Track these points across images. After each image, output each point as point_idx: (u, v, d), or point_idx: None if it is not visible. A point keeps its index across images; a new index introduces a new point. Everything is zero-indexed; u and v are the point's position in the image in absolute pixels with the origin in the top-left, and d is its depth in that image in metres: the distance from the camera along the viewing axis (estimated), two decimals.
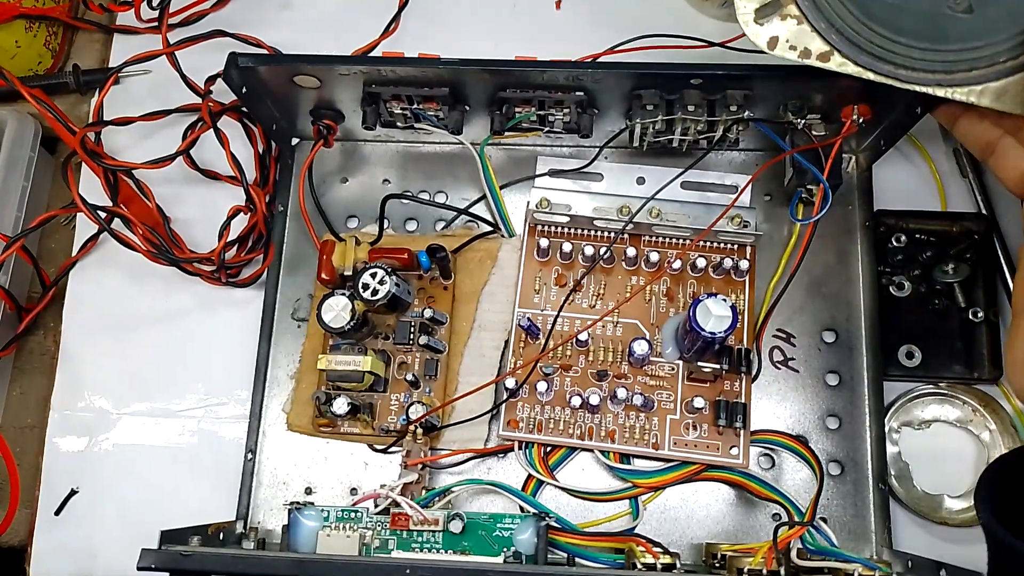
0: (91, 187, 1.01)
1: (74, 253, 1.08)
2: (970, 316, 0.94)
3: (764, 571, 0.79)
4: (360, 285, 0.91)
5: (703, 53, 1.01)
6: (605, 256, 0.95)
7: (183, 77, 1.03)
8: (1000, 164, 0.78)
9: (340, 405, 0.92)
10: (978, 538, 0.90)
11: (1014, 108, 0.73)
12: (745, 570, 0.80)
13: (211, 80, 1.03)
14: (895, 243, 0.97)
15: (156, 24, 1.12)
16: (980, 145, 0.79)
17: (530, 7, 1.13)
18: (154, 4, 1.11)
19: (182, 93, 1.05)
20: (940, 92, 0.74)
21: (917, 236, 0.97)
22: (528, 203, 0.97)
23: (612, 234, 0.96)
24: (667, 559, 0.80)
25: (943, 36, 0.73)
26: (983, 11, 0.72)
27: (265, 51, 1.09)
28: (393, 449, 0.95)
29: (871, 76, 0.76)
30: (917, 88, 0.75)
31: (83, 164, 1.04)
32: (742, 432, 0.91)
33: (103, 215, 0.96)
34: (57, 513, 1.00)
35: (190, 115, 1.07)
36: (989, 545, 0.72)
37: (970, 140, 0.80)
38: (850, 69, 0.76)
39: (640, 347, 0.89)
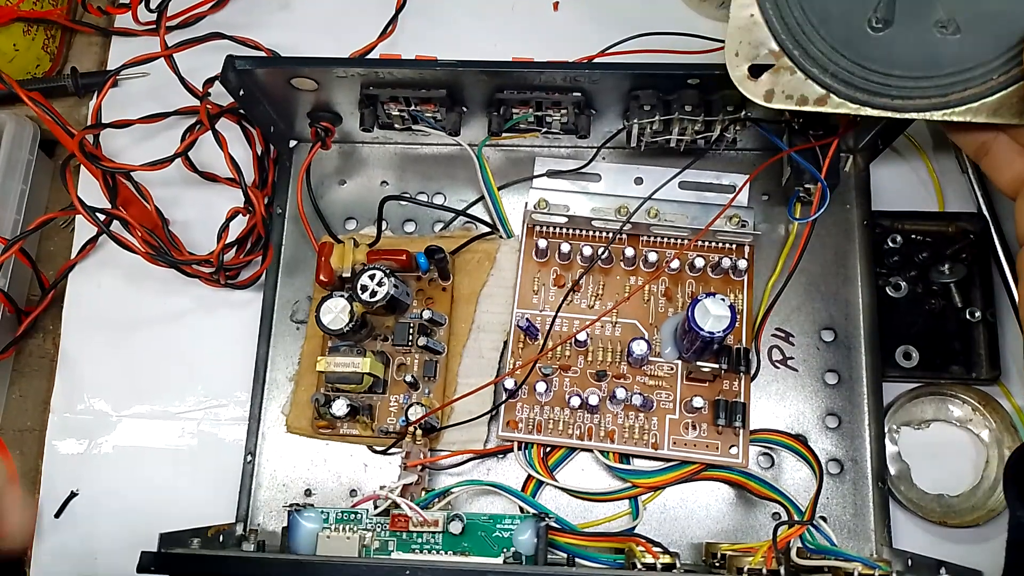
0: (90, 190, 1.01)
1: (73, 256, 1.08)
2: (967, 316, 0.94)
3: (764, 570, 0.79)
4: (359, 287, 0.91)
5: (704, 54, 1.02)
6: (603, 256, 0.95)
7: (181, 79, 1.03)
8: (994, 165, 0.78)
9: (339, 407, 0.92)
10: (979, 538, 0.91)
11: (1011, 119, 0.74)
12: (745, 569, 0.80)
13: (209, 82, 1.03)
14: (891, 244, 0.97)
15: (154, 27, 1.12)
16: (975, 146, 0.79)
17: (528, 8, 1.13)
18: (152, 7, 1.11)
19: (180, 95, 1.05)
20: (937, 115, 0.75)
21: (913, 237, 0.97)
22: (526, 204, 0.97)
23: (610, 234, 0.96)
24: (667, 559, 0.81)
25: (936, 63, 0.73)
26: (971, 31, 0.72)
27: (263, 53, 1.09)
28: (393, 450, 0.95)
29: (868, 112, 0.76)
30: (914, 116, 0.75)
31: (82, 167, 1.04)
32: (741, 431, 0.91)
33: (102, 217, 0.96)
34: (57, 516, 1.00)
35: (189, 117, 1.07)
36: (1012, 529, 0.72)
37: (964, 141, 0.80)
38: (847, 108, 0.76)
39: (639, 347, 0.89)
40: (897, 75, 0.74)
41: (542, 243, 0.95)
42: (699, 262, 0.94)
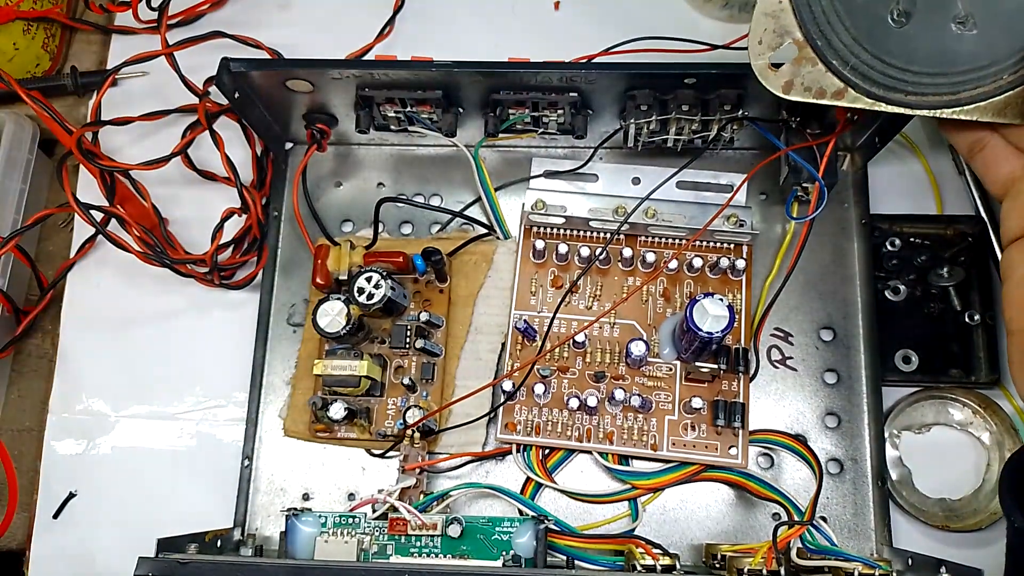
0: (89, 189, 1.02)
1: (71, 255, 1.07)
2: (966, 319, 0.94)
3: (764, 571, 0.79)
4: (355, 289, 0.91)
5: (703, 54, 1.02)
6: (601, 257, 0.95)
7: (182, 78, 1.03)
8: (985, 164, 0.78)
9: (337, 410, 0.92)
10: (982, 542, 0.90)
11: (1014, 119, 0.74)
12: (745, 570, 0.79)
13: (209, 81, 1.03)
14: (889, 247, 0.97)
15: (154, 25, 1.12)
16: (968, 143, 0.79)
17: (528, 8, 1.13)
18: (153, 5, 1.11)
19: (180, 94, 1.05)
20: (947, 113, 0.75)
21: (911, 240, 0.97)
22: (523, 205, 0.96)
23: (608, 235, 0.96)
24: (667, 560, 0.80)
25: (951, 59, 0.73)
26: (988, 28, 0.72)
27: (263, 52, 1.10)
28: (391, 454, 0.95)
29: (883, 107, 0.76)
30: (926, 113, 0.75)
31: (81, 165, 1.04)
32: (741, 432, 0.91)
33: (98, 215, 0.96)
34: (55, 516, 1.00)
35: (190, 115, 1.07)
36: (1010, 535, 0.72)
37: (958, 138, 0.80)
38: (863, 103, 0.76)
39: (637, 348, 0.89)
40: (913, 71, 0.74)
41: (539, 244, 0.95)
42: (697, 262, 0.94)
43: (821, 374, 0.95)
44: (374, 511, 0.88)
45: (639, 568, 0.81)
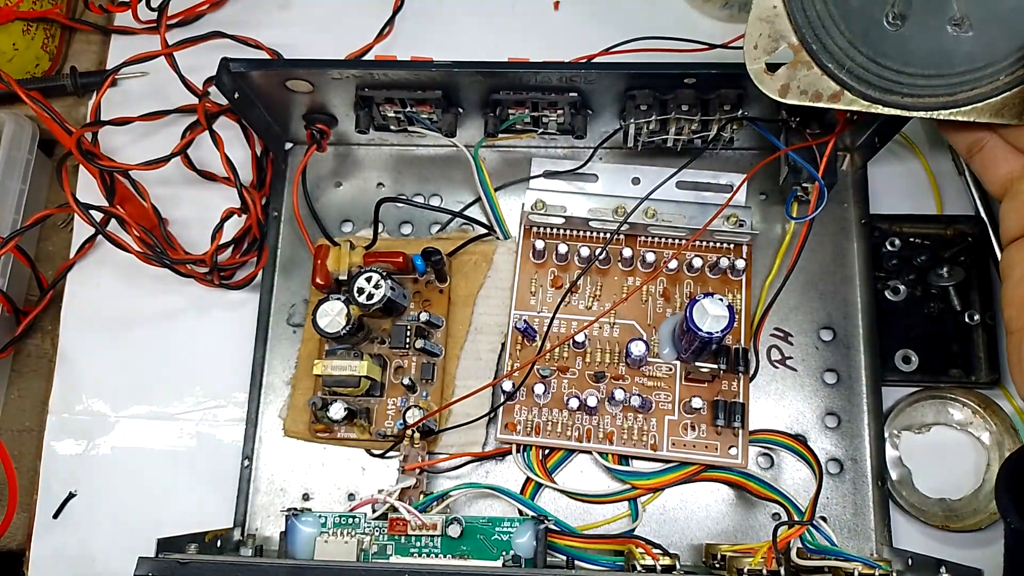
0: (90, 189, 1.02)
1: (71, 256, 1.07)
2: (966, 319, 0.94)
3: (764, 571, 0.79)
4: (355, 290, 0.91)
5: (703, 53, 1.02)
6: (601, 257, 0.95)
7: (181, 78, 1.03)
8: (984, 164, 0.78)
9: (337, 410, 0.91)
10: (982, 542, 0.90)
11: (1012, 120, 0.74)
12: (745, 570, 0.79)
13: (209, 81, 1.03)
14: (889, 247, 0.97)
15: (154, 25, 1.12)
16: (967, 143, 0.79)
17: (528, 8, 1.13)
18: (153, 5, 1.11)
19: (180, 94, 1.05)
20: (944, 114, 0.75)
21: (911, 240, 0.97)
22: (523, 205, 0.96)
23: (608, 235, 0.96)
24: (667, 560, 0.80)
25: (948, 61, 0.73)
26: (984, 30, 0.72)
27: (263, 52, 1.10)
28: (390, 454, 0.95)
29: (880, 110, 0.76)
30: (923, 115, 0.75)
31: (81, 165, 1.04)
32: (740, 432, 0.91)
33: (98, 216, 0.96)
34: (55, 516, 1.00)
35: (190, 115, 1.07)
36: (1007, 536, 0.72)
37: (957, 139, 0.80)
38: (859, 106, 0.76)
39: (637, 348, 0.89)
40: (909, 73, 0.74)
41: (539, 244, 0.95)
42: (697, 262, 0.94)
43: (821, 374, 0.95)
44: (374, 511, 0.88)
45: (639, 568, 0.81)
